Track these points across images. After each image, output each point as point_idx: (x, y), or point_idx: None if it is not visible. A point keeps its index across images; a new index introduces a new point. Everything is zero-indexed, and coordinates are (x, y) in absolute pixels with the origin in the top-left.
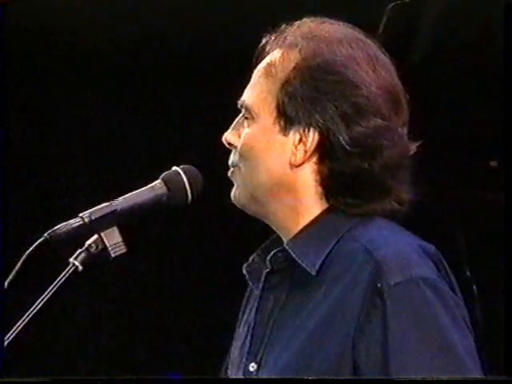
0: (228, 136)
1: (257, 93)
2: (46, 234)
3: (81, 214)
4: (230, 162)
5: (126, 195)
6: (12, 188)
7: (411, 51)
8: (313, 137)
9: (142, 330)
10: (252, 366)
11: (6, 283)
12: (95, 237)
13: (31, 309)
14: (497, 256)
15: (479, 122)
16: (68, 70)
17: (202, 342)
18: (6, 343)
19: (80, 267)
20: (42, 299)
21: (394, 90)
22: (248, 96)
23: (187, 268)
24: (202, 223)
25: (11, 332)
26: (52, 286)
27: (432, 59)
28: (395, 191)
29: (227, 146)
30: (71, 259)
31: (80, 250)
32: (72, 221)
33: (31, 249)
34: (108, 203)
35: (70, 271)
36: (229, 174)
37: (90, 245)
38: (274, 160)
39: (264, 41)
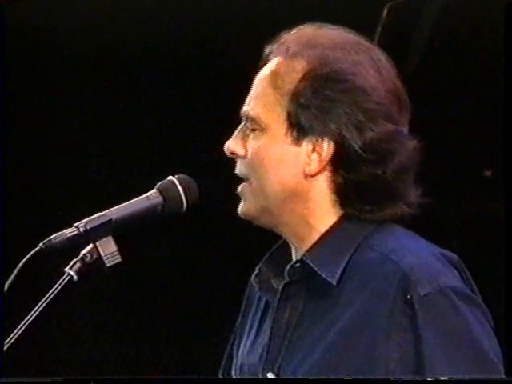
0: (231, 145)
1: (263, 104)
2: (40, 244)
3: (76, 224)
4: (237, 173)
5: (121, 205)
6: (8, 196)
7: (409, 52)
8: (328, 146)
9: (136, 337)
10: (269, 376)
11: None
12: (90, 246)
13: (26, 318)
14: (497, 263)
15: (478, 127)
16: (67, 72)
17: (198, 347)
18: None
19: (75, 277)
20: (37, 309)
21: (398, 91)
22: (253, 107)
23: (182, 277)
24: (197, 232)
25: (7, 341)
26: (47, 295)
27: (431, 60)
28: (406, 195)
29: (229, 155)
30: (66, 269)
31: (75, 260)
32: (67, 230)
33: (26, 258)
34: (103, 213)
35: (65, 281)
36: (238, 190)
37: (84, 254)
38: (287, 171)
39: (267, 51)
